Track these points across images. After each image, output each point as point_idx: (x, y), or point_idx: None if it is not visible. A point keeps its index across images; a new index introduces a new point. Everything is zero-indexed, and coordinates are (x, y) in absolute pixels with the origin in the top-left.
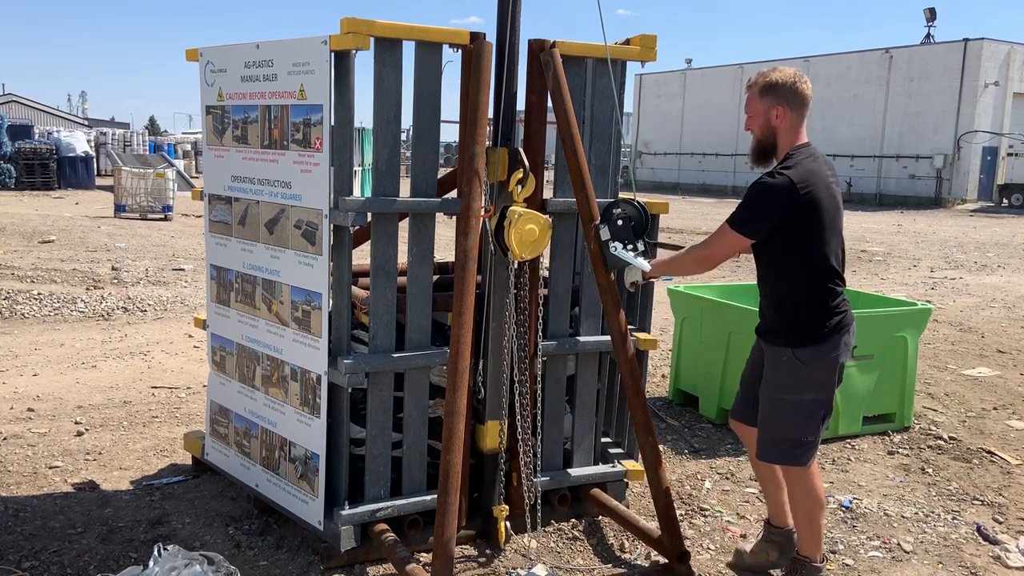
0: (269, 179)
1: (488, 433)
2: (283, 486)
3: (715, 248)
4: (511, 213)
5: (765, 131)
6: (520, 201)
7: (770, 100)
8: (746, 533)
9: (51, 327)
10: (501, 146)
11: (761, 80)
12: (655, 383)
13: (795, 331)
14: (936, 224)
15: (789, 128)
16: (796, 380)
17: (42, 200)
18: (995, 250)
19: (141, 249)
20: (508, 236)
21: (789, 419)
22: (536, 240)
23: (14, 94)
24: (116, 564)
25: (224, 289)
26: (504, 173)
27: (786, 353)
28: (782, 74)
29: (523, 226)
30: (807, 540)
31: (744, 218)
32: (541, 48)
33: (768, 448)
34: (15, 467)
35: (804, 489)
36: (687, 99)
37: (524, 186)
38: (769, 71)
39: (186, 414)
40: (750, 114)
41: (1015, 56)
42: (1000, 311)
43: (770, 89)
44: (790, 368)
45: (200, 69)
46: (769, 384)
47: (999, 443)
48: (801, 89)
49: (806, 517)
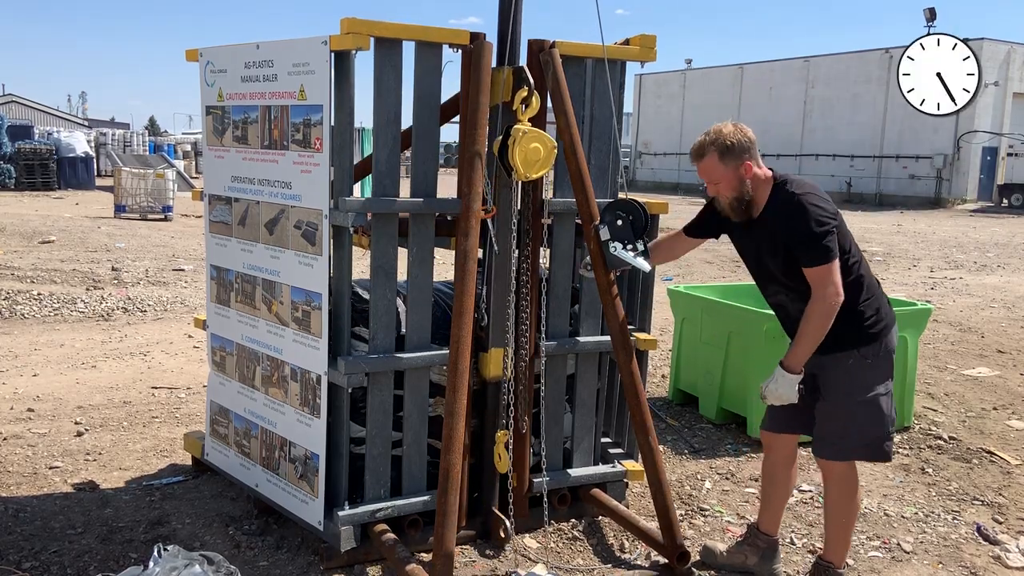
0: (269, 179)
1: (491, 360)
2: (283, 486)
3: (831, 288)
4: (515, 132)
5: (739, 189)
6: (525, 120)
7: (733, 161)
8: None
9: (51, 327)
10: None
11: (715, 148)
12: (655, 383)
13: (856, 333)
14: (936, 224)
15: (757, 173)
16: (868, 379)
17: (42, 200)
18: (995, 250)
19: (141, 249)
20: (512, 155)
21: (872, 418)
22: (541, 160)
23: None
24: (116, 564)
25: (224, 289)
26: (508, 93)
27: (852, 356)
28: (731, 133)
29: (527, 144)
30: (836, 546)
31: (828, 246)
32: (541, 48)
33: (834, 447)
34: (15, 467)
35: (850, 494)
36: (687, 99)
37: (528, 105)
38: (715, 136)
39: (186, 414)
40: (715, 180)
41: (1015, 56)
42: (1000, 311)
43: (729, 152)
44: (859, 369)
45: (200, 69)
46: (839, 391)
47: (999, 443)
48: (751, 137)
49: (844, 523)
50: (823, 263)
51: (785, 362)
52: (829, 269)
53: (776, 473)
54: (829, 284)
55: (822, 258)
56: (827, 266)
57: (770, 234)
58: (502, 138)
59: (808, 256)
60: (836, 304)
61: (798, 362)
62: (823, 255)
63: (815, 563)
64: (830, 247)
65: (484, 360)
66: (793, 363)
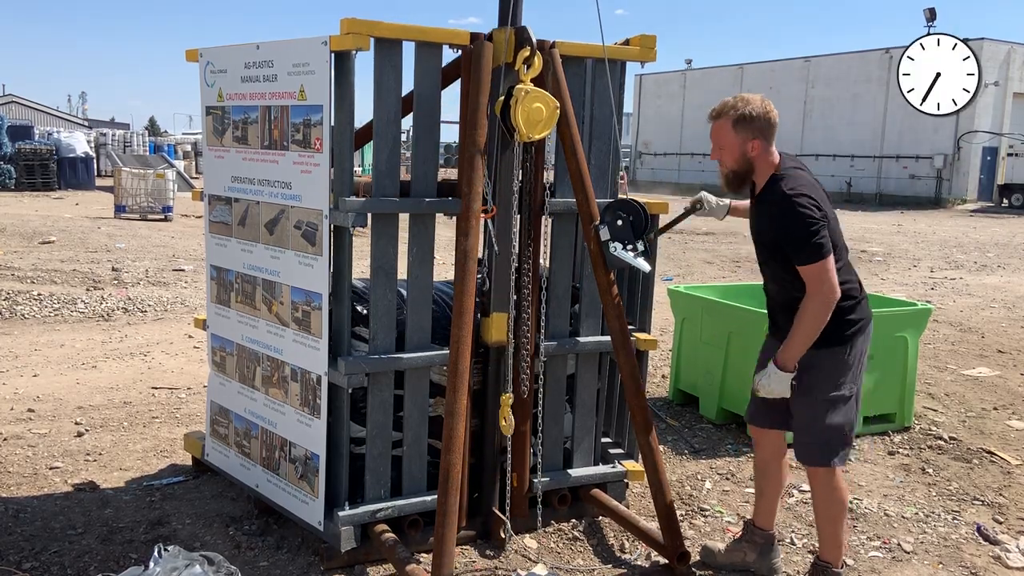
0: (269, 179)
1: (493, 325)
2: (283, 486)
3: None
4: (517, 91)
5: (741, 163)
6: (527, 81)
7: (745, 133)
8: None
9: (51, 328)
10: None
11: (733, 113)
12: (655, 383)
13: (831, 331)
14: (936, 224)
15: (764, 157)
16: (836, 377)
17: (42, 201)
18: (995, 250)
19: (141, 250)
20: (515, 115)
21: (835, 416)
22: (544, 120)
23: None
24: (116, 565)
25: (224, 289)
26: (511, 54)
27: (825, 354)
28: (754, 105)
29: (530, 104)
30: (830, 545)
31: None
32: (541, 48)
33: (811, 450)
34: (15, 468)
35: (833, 492)
36: (687, 99)
37: (531, 66)
38: (737, 101)
39: (186, 414)
40: (721, 145)
41: (1015, 56)
42: (1000, 311)
43: (745, 122)
44: (831, 367)
45: (200, 70)
46: (810, 387)
47: (999, 443)
48: (773, 118)
49: (832, 521)
50: (816, 260)
51: (779, 359)
52: (823, 267)
53: (767, 466)
54: (825, 281)
55: (815, 255)
56: (821, 263)
57: (759, 219)
58: (503, 98)
59: (801, 256)
60: (832, 301)
61: (791, 359)
62: (815, 252)
63: (813, 563)
64: (822, 244)
65: (486, 324)
66: (787, 360)
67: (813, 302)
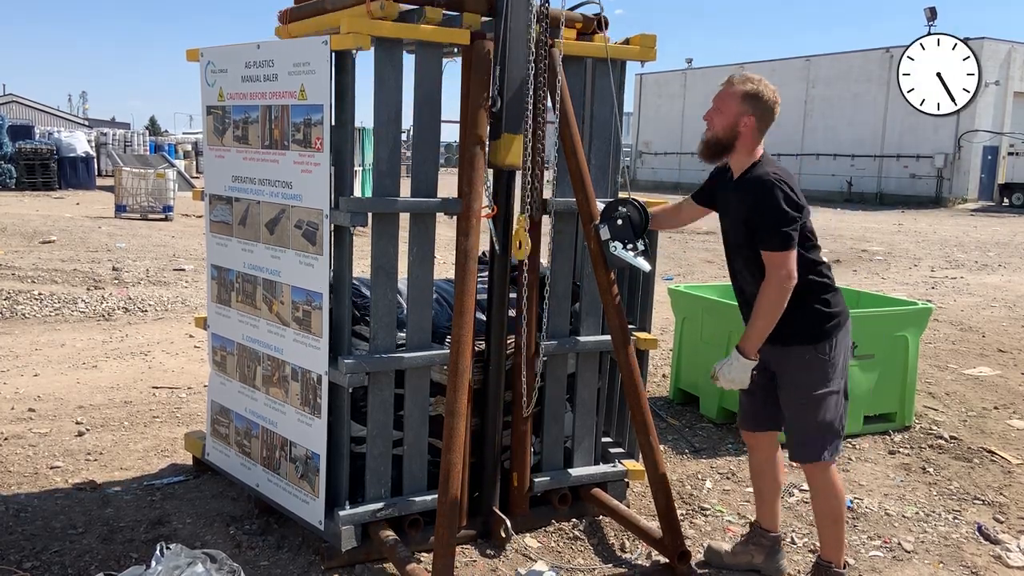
0: (270, 179)
1: (503, 146)
2: (284, 486)
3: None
4: None
5: (728, 132)
6: None
7: (747, 108)
8: None
9: (52, 327)
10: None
11: (747, 86)
12: (655, 383)
13: (812, 327)
14: (937, 223)
15: (750, 139)
16: (823, 374)
17: (43, 200)
18: (996, 249)
19: (142, 249)
20: None
21: (825, 413)
22: None
23: (14, 94)
24: (117, 564)
25: (225, 289)
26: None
27: (808, 351)
28: (768, 93)
29: None
30: (831, 544)
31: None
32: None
33: (805, 448)
34: (16, 467)
35: (830, 489)
36: (687, 99)
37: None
38: (755, 78)
39: (187, 414)
40: (720, 108)
41: (1015, 55)
42: (1001, 310)
43: (752, 99)
44: (817, 364)
45: (201, 69)
46: (797, 386)
47: (1000, 442)
48: (775, 112)
49: (831, 520)
50: (783, 249)
51: (741, 346)
52: (786, 256)
53: (763, 469)
54: (784, 267)
55: (782, 245)
56: (787, 253)
57: (737, 204)
58: None
59: (767, 238)
60: (788, 288)
61: (752, 346)
62: (783, 242)
63: (815, 563)
64: (791, 236)
65: (495, 147)
66: (748, 347)
67: (771, 286)
